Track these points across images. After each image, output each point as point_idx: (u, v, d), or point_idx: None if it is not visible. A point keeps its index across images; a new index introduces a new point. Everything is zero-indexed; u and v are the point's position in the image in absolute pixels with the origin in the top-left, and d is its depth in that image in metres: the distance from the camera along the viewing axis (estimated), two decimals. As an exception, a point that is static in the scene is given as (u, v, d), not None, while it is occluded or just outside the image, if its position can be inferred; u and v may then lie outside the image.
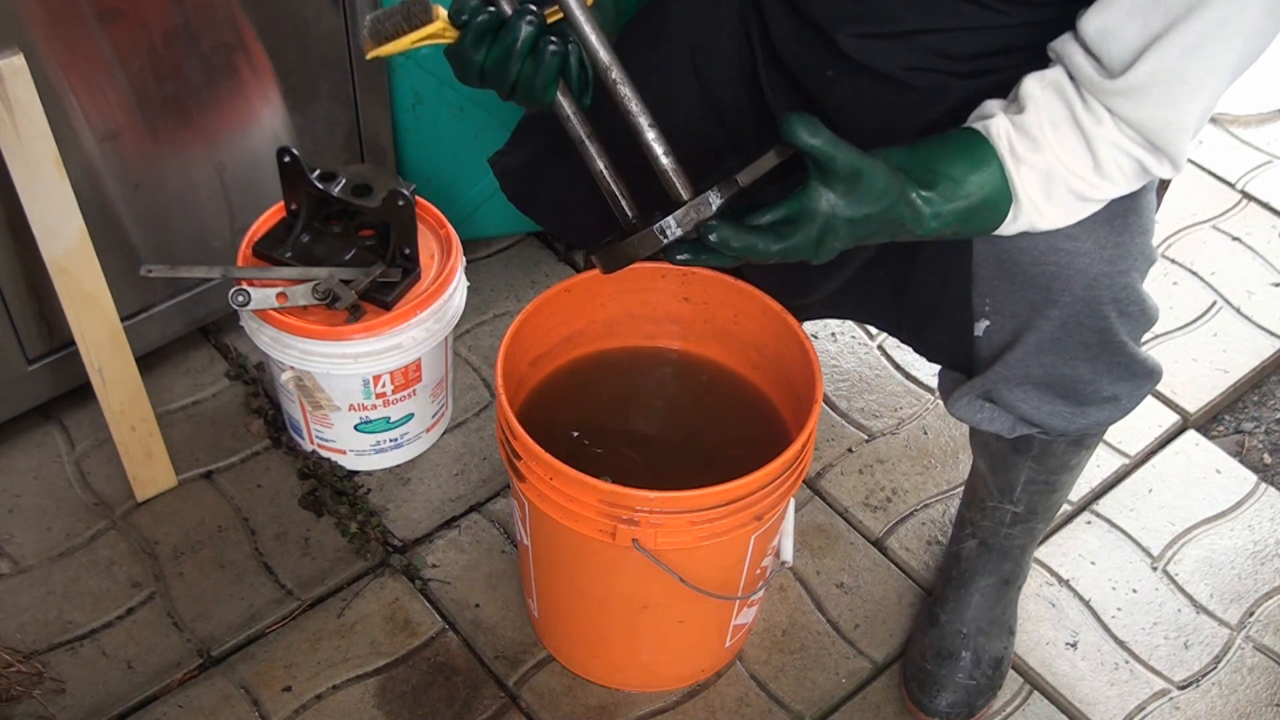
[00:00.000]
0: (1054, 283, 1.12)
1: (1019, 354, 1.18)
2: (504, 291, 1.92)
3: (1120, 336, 1.16)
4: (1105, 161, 1.03)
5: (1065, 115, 1.03)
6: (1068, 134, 1.03)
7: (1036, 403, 1.23)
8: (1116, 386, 1.22)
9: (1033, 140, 1.03)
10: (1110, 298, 1.13)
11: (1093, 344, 1.16)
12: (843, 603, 1.58)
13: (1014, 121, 1.04)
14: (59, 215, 1.42)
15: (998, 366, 1.20)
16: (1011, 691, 1.51)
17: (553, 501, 1.22)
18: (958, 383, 1.27)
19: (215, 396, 1.75)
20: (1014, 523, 1.45)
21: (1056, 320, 1.14)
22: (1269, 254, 2.10)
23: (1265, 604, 1.62)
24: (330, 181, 1.52)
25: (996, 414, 1.27)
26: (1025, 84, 1.04)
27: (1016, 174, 1.04)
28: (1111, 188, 1.06)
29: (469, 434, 1.74)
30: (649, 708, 1.47)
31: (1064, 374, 1.19)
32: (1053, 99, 1.03)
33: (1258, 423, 1.87)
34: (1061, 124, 1.03)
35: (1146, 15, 0.97)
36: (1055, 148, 1.03)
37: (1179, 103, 1.00)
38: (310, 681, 1.47)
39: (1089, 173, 1.04)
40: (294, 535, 1.60)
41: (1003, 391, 1.22)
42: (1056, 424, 1.25)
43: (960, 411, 1.28)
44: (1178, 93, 0.99)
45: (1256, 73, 2.20)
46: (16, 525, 1.59)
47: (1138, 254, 1.14)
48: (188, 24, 1.47)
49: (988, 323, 1.19)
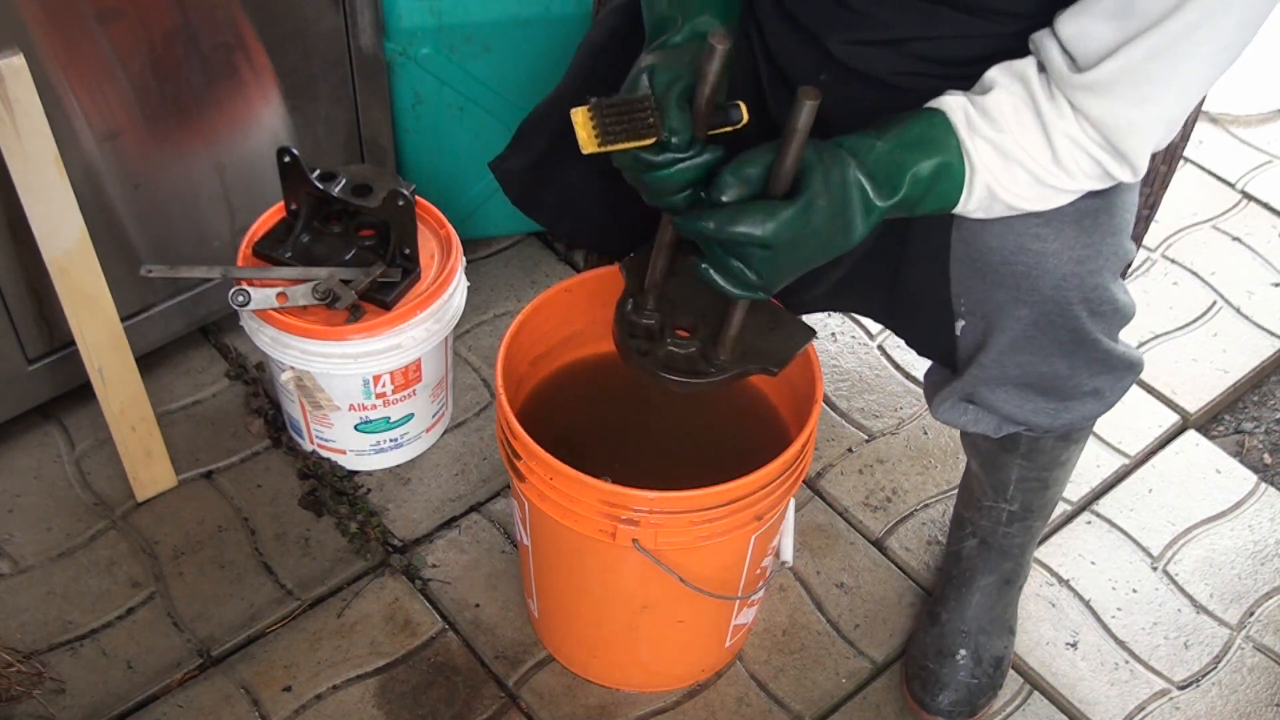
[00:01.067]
0: (1023, 282, 1.12)
1: (993, 354, 1.18)
2: (504, 291, 1.92)
3: (1094, 334, 1.17)
4: (1063, 155, 1.05)
5: (1026, 102, 1.04)
6: (1028, 121, 1.04)
7: (1018, 402, 1.23)
8: (1097, 380, 1.22)
9: (991, 120, 1.05)
10: (1079, 298, 1.13)
11: (1066, 341, 1.16)
12: (843, 603, 1.58)
13: (974, 101, 1.06)
14: (59, 215, 1.42)
15: (974, 369, 1.20)
16: (1011, 691, 1.51)
17: (553, 501, 1.22)
18: (940, 387, 1.28)
19: (215, 396, 1.75)
20: (1011, 521, 1.45)
21: (1027, 319, 1.14)
22: (1269, 254, 2.10)
23: (1265, 604, 1.62)
24: (330, 181, 1.52)
25: (981, 415, 1.27)
26: (990, 72, 1.06)
27: (971, 144, 1.05)
28: (1070, 180, 1.07)
29: (469, 434, 1.74)
30: (649, 708, 1.47)
31: (1041, 371, 1.19)
32: (1016, 86, 1.05)
33: (1258, 423, 1.87)
34: (1023, 109, 1.04)
35: (1122, 18, 0.98)
36: (1014, 130, 1.04)
37: (1142, 103, 1.01)
38: (310, 681, 1.47)
39: (1047, 161, 1.06)
40: (294, 535, 1.60)
41: (983, 393, 1.23)
42: (1040, 421, 1.25)
43: (944, 415, 1.28)
44: (1141, 93, 1.00)
45: (1256, 73, 2.20)
46: (16, 525, 1.59)
47: (1109, 253, 1.14)
48: (188, 24, 1.47)
49: (964, 322, 1.19)
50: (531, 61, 1.73)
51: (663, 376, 1.17)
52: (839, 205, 1.03)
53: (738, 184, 1.02)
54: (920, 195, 1.07)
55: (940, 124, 1.06)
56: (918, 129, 1.06)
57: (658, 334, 1.20)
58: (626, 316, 1.20)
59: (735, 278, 1.04)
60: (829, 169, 1.03)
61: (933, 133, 1.06)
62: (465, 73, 1.73)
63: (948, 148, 1.06)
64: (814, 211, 1.01)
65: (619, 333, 1.21)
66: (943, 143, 1.06)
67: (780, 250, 1.02)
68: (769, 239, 1.00)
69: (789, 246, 1.02)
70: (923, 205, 1.09)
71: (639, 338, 1.20)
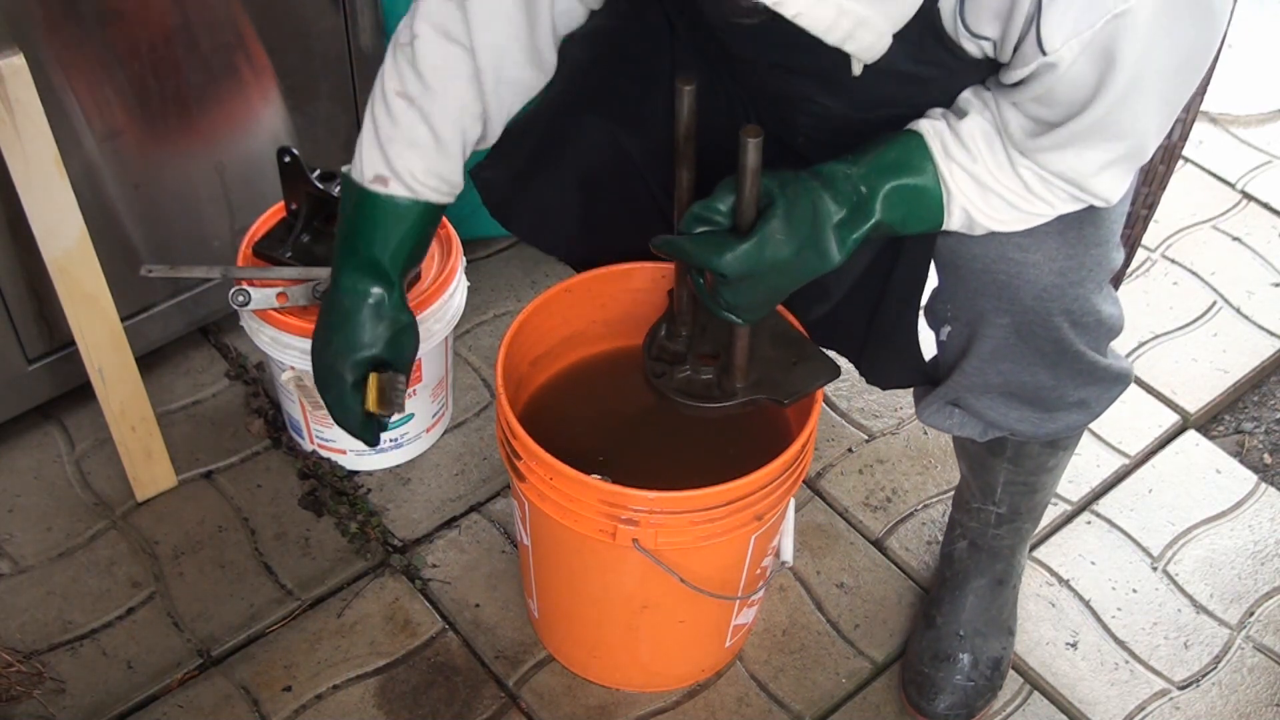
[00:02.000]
0: (1004, 291, 1.13)
1: (975, 361, 1.18)
2: (504, 291, 1.92)
3: (1077, 346, 1.17)
4: (1034, 187, 1.06)
5: (998, 130, 1.05)
6: (999, 149, 1.06)
7: (1003, 409, 1.23)
8: (1083, 392, 1.22)
9: (965, 148, 1.06)
10: (1061, 309, 1.13)
11: (1049, 352, 1.16)
12: (843, 603, 1.58)
13: (950, 125, 1.07)
14: (59, 215, 1.42)
15: (957, 374, 1.21)
16: (1011, 692, 1.51)
17: (553, 501, 1.22)
18: (927, 390, 1.28)
19: (215, 396, 1.75)
20: (999, 523, 1.46)
21: (1008, 328, 1.15)
22: (1269, 254, 2.10)
23: (1265, 604, 1.62)
24: (330, 181, 1.52)
25: (966, 419, 1.27)
26: (965, 94, 1.07)
27: (947, 170, 1.07)
28: (1048, 207, 1.09)
29: (469, 434, 1.74)
30: (649, 708, 1.47)
31: (1024, 381, 1.19)
32: (988, 114, 1.06)
33: (1258, 423, 1.87)
34: (994, 138, 1.06)
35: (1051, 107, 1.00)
36: (987, 159, 1.06)
37: (1100, 151, 1.02)
38: (310, 681, 1.47)
39: (1021, 190, 1.07)
40: (294, 535, 1.60)
41: (968, 398, 1.23)
42: (1024, 429, 1.25)
43: (930, 419, 1.29)
44: (1097, 145, 1.02)
45: (1256, 73, 2.20)
46: (16, 525, 1.59)
47: (1093, 265, 1.14)
48: (188, 24, 1.47)
49: (949, 328, 1.19)
50: (531, 61, 1.73)
51: (672, 398, 1.25)
52: (806, 233, 1.06)
53: (700, 222, 1.07)
54: (900, 218, 1.09)
55: (917, 147, 1.07)
56: (893, 153, 1.08)
57: (683, 358, 1.27)
58: (658, 340, 1.29)
59: (713, 303, 1.10)
60: (794, 201, 1.05)
61: (908, 157, 1.07)
62: (465, 73, 1.73)
63: (923, 171, 1.07)
64: (771, 244, 1.05)
65: (645, 353, 1.29)
66: (918, 167, 1.07)
67: (741, 281, 1.06)
68: (725, 270, 1.05)
69: (750, 278, 1.06)
70: (906, 227, 1.10)
71: (662, 360, 1.27)
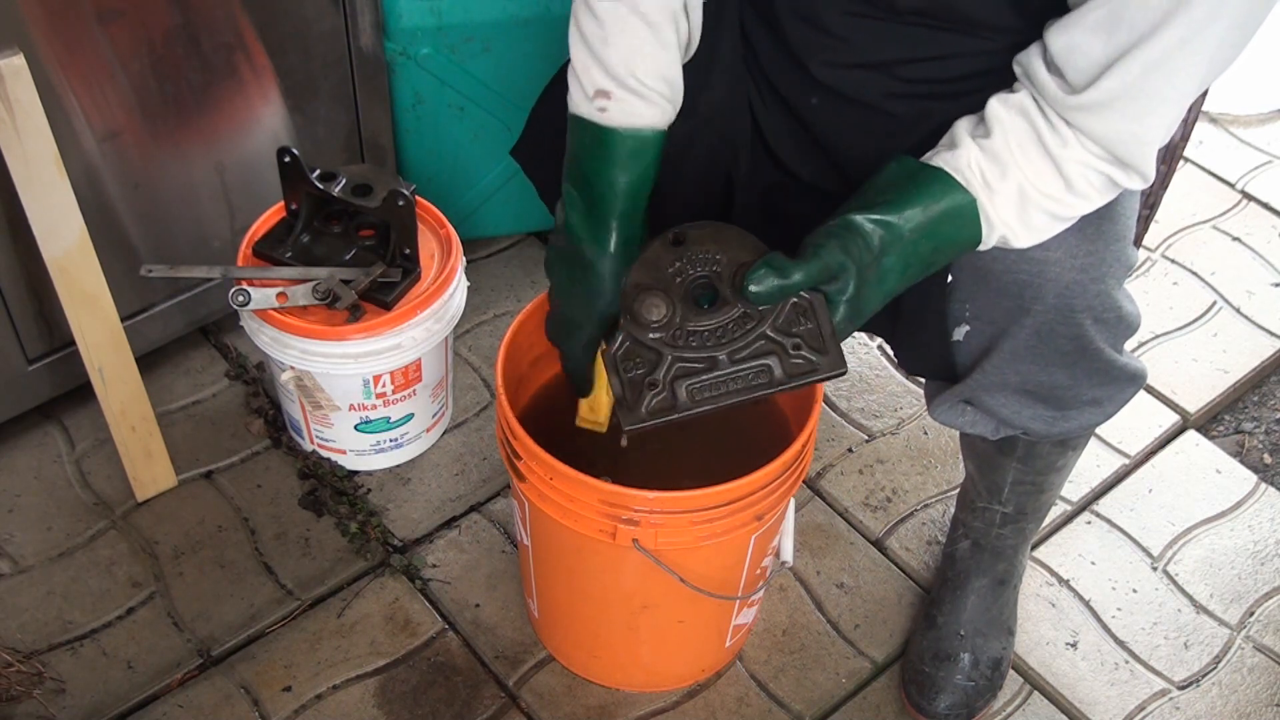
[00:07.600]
0: (1026, 291, 1.12)
1: (996, 361, 1.18)
2: (504, 291, 1.92)
3: (1097, 344, 1.16)
4: (1076, 180, 1.05)
5: (1031, 138, 1.04)
6: (1035, 156, 1.04)
7: (1017, 407, 1.23)
8: (1097, 391, 1.22)
9: (1001, 165, 1.05)
10: (1084, 306, 1.13)
11: (1069, 351, 1.16)
12: (843, 603, 1.58)
13: (982, 147, 1.05)
14: (59, 215, 1.42)
15: (976, 374, 1.21)
16: (1011, 692, 1.51)
17: (553, 501, 1.22)
18: (940, 388, 1.28)
19: (215, 396, 1.75)
20: (1004, 523, 1.46)
21: (1031, 328, 1.14)
22: (1269, 254, 2.10)
23: (1265, 604, 1.62)
24: (330, 181, 1.52)
25: (979, 417, 1.27)
26: (991, 106, 1.06)
27: (990, 203, 1.05)
28: (1085, 204, 1.07)
29: (469, 434, 1.74)
30: (649, 708, 1.47)
31: (1041, 380, 1.19)
32: (1019, 121, 1.04)
33: (1258, 423, 1.87)
34: (1028, 145, 1.04)
35: (1111, 32, 0.97)
36: (1025, 169, 1.05)
37: (1143, 117, 1.00)
38: (310, 681, 1.47)
39: (1061, 192, 1.06)
40: (294, 535, 1.60)
41: (983, 397, 1.23)
42: (1038, 428, 1.25)
43: (942, 416, 1.28)
44: (1141, 107, 1.00)
45: (1256, 73, 2.20)
46: (16, 525, 1.59)
47: (1113, 261, 1.14)
48: (188, 24, 1.47)
49: (968, 328, 1.19)
50: (531, 61, 1.73)
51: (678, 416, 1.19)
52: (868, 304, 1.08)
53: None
54: (943, 262, 1.10)
55: (961, 198, 1.06)
56: (942, 205, 1.06)
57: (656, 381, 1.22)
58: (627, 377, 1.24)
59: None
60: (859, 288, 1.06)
61: (955, 207, 1.06)
62: (465, 73, 1.73)
63: (973, 222, 1.07)
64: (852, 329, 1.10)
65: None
66: (969, 218, 1.06)
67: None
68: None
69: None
70: (939, 265, 1.11)
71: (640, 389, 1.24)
